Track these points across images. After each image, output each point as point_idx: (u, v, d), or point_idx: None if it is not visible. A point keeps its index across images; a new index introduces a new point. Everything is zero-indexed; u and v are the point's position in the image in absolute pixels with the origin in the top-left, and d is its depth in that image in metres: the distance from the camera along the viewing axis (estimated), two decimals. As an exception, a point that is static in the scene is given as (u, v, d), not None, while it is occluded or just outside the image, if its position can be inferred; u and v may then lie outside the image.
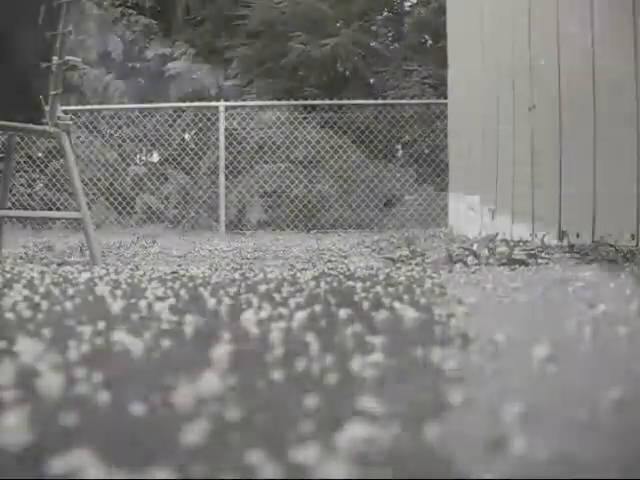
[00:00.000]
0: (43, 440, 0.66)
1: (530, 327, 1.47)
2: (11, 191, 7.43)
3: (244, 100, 9.61)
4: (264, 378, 0.92)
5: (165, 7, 11.36)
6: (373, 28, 11.28)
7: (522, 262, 3.16)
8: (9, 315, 1.45)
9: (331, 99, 9.43)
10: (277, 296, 1.80)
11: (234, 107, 9.09)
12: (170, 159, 9.32)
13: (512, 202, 5.00)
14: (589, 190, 4.02)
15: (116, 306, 1.57)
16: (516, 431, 0.68)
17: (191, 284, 2.16)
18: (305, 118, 9.06)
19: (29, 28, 3.14)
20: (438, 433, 0.68)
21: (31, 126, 3.24)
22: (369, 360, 1.00)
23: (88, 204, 3.36)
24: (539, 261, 3.23)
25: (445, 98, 7.08)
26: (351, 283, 2.19)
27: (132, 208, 9.05)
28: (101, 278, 2.35)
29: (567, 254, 3.46)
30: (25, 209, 8.37)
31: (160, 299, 1.71)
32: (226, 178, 8.76)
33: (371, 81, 10.98)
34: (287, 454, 0.61)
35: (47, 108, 3.21)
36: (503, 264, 3.14)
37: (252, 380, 0.91)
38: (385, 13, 11.65)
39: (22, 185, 8.97)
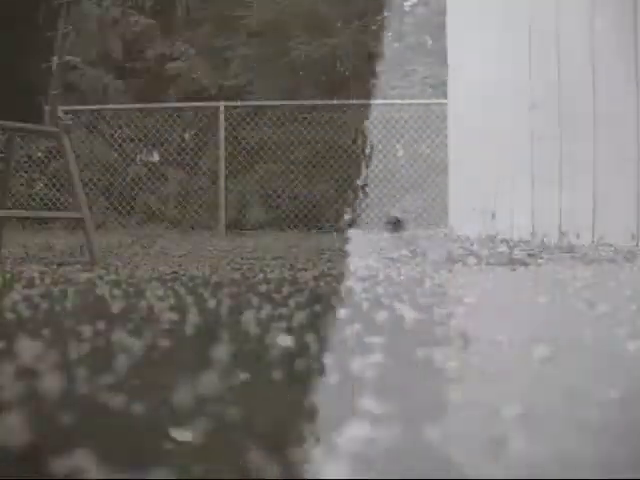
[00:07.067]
0: (43, 440, 0.66)
1: (530, 327, 1.47)
2: (11, 191, 7.43)
3: (244, 100, 9.60)
4: (264, 378, 0.92)
5: (165, 7, 11.35)
6: (373, 28, 11.27)
7: (522, 262, 3.16)
8: (9, 315, 1.45)
9: (331, 99, 9.41)
10: (277, 296, 1.80)
11: (234, 107, 9.08)
12: (170, 159, 9.31)
13: (512, 202, 4.99)
14: (589, 190, 4.01)
15: (116, 306, 1.57)
16: (516, 431, 0.68)
17: (191, 284, 2.15)
18: (305, 118, 9.05)
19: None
20: (438, 433, 0.68)
21: (31, 126, 3.24)
22: (369, 360, 1.00)
23: (88, 204, 3.36)
24: (539, 261, 3.23)
25: (445, 98, 7.07)
26: (351, 283, 2.19)
27: (132, 208, 9.04)
28: (101, 278, 2.35)
29: (567, 254, 3.46)
30: (25, 209, 8.36)
31: (160, 299, 1.71)
32: (226, 178, 8.74)
33: (371, 81, 10.97)
34: (287, 454, 0.61)
35: (47, 108, 3.20)
36: (503, 264, 3.14)
37: (252, 380, 0.91)
38: (385, 13, 11.64)
39: (22, 185, 8.96)
